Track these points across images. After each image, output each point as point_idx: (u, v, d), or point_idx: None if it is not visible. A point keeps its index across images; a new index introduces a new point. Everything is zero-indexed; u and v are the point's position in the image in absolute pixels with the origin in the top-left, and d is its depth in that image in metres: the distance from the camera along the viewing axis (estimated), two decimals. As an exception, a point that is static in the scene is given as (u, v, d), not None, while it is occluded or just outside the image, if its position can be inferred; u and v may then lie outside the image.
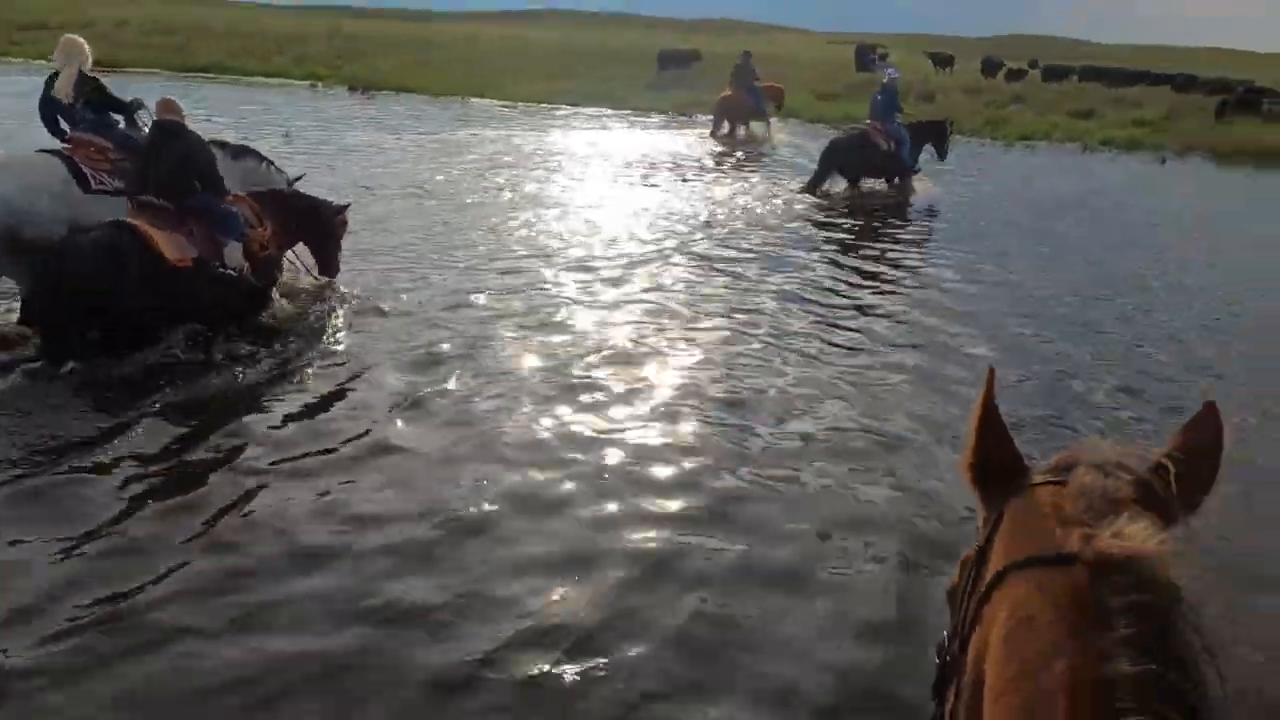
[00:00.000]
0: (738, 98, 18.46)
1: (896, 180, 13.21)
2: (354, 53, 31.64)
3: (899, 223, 11.76)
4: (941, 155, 14.00)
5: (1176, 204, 14.79)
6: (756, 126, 19.25)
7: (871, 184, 13.27)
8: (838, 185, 12.96)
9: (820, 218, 11.39)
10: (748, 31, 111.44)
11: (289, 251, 6.81)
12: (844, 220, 11.37)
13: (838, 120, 22.87)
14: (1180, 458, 0.97)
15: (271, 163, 7.38)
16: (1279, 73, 61.63)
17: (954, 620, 1.06)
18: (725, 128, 18.62)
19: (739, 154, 16.94)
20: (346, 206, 7.11)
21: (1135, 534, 0.84)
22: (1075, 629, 0.81)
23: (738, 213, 11.38)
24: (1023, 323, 7.43)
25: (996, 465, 1.06)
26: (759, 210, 11.65)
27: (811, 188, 12.60)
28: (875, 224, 11.42)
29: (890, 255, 9.65)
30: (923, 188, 13.29)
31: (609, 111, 23.56)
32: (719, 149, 17.37)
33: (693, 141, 18.29)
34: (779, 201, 12.25)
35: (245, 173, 6.95)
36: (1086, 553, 0.85)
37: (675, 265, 8.65)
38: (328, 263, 7.04)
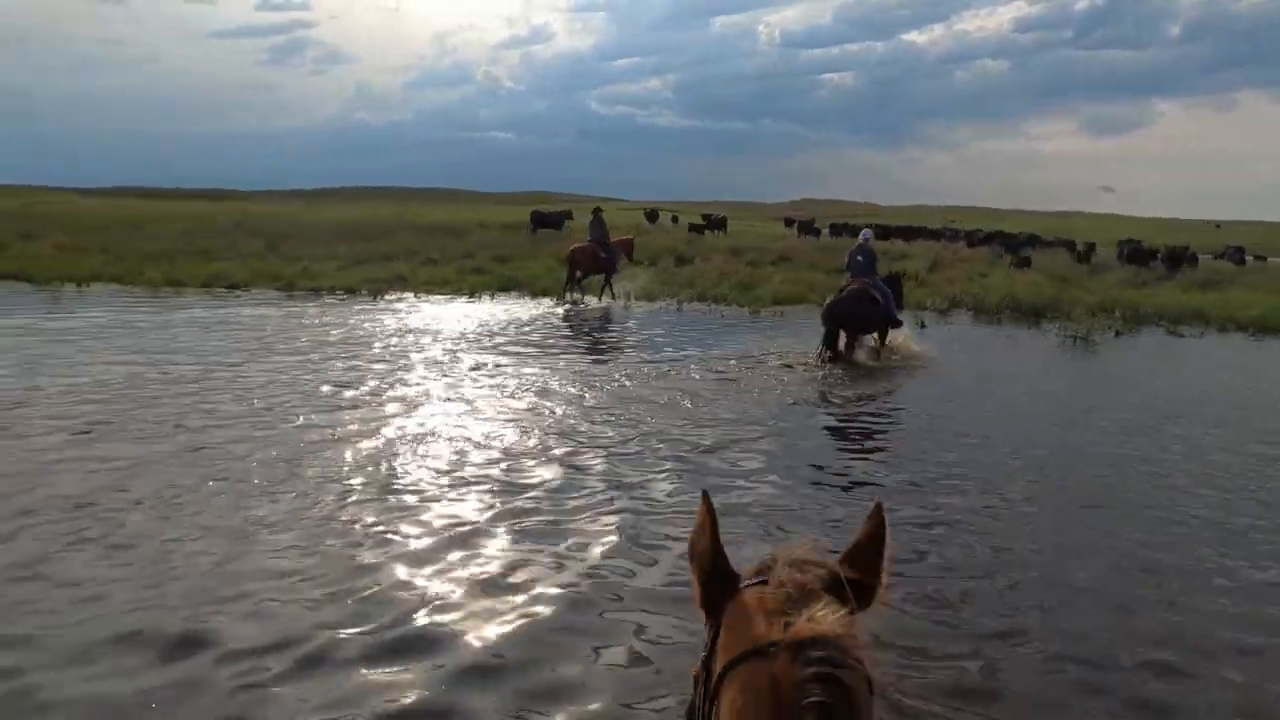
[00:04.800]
0: (591, 249, 18.74)
1: (874, 337, 13.04)
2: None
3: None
4: (900, 306, 13.75)
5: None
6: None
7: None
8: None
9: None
10: (559, 202, 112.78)
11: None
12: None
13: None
14: (858, 550, 1.16)
15: None
16: (1019, 226, 66.84)
17: None
18: (577, 278, 18.70)
19: (596, 323, 15.55)
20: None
21: (824, 618, 0.98)
22: (775, 711, 0.94)
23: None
24: None
25: (716, 582, 1.15)
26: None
27: (829, 350, 12.13)
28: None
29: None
30: (904, 342, 13.08)
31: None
32: (572, 317, 16.22)
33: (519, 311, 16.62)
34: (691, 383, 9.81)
35: None
36: (785, 638, 0.98)
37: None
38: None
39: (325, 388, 9.30)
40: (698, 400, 9.32)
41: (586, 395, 9.43)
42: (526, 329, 14.54)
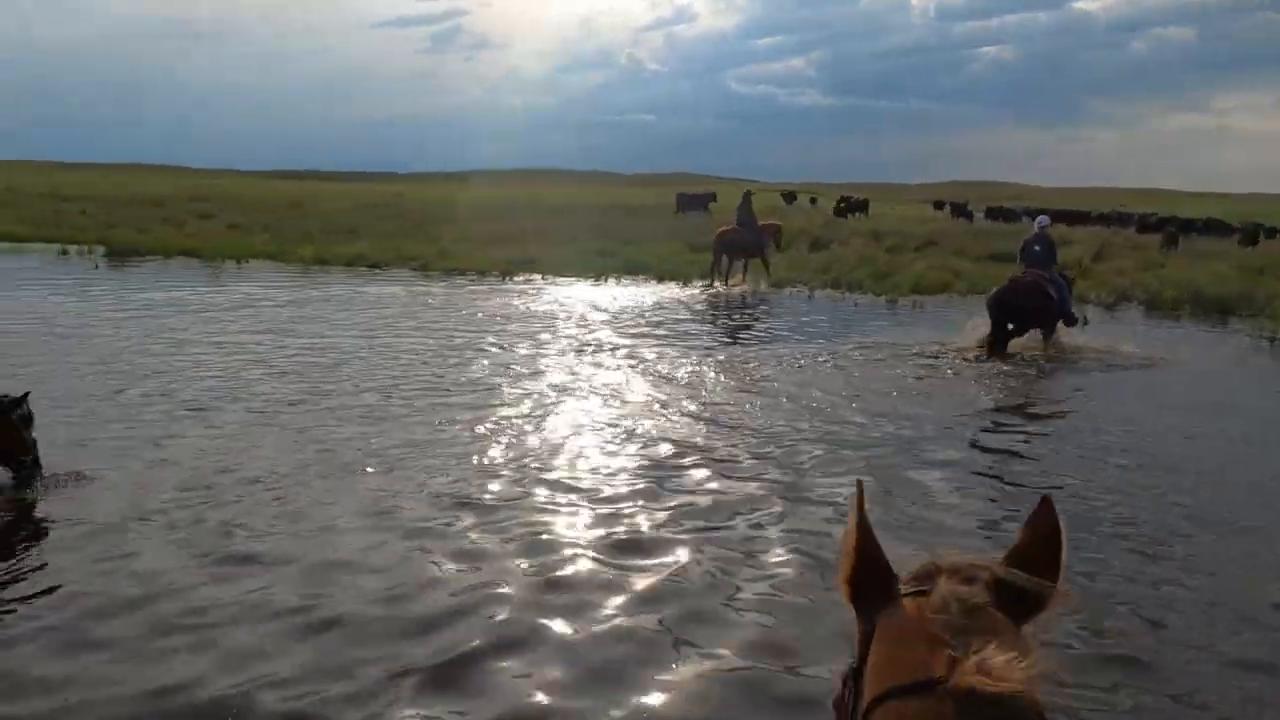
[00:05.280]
0: (738, 232, 18.16)
1: (1043, 332, 12.02)
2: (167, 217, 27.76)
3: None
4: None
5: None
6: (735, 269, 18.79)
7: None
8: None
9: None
10: (697, 184, 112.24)
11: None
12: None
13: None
14: (1026, 552, 1.02)
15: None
16: (1198, 209, 60.46)
17: None
18: (725, 263, 18.15)
19: (750, 311, 15.05)
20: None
21: (1000, 667, 0.83)
22: None
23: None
24: None
25: (869, 579, 1.05)
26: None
27: (994, 348, 11.30)
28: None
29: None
30: (1079, 341, 12.02)
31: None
32: (700, 302, 15.95)
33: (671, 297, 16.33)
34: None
35: None
36: (951, 683, 0.85)
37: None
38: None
39: (441, 374, 9.25)
40: (842, 396, 8.64)
41: (718, 387, 8.96)
42: (656, 313, 14.22)
